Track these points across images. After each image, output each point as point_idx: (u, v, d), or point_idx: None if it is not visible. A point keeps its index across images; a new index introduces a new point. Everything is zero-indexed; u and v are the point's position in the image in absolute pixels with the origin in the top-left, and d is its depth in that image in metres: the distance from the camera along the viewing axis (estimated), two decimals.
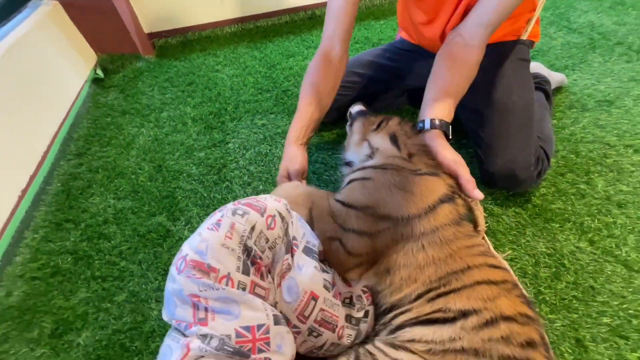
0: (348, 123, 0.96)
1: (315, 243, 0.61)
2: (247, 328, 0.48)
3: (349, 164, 0.84)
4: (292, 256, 0.57)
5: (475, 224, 0.69)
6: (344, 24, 0.93)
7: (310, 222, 0.67)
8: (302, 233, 0.60)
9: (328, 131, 1.31)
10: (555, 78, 1.26)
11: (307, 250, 0.59)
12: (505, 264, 0.66)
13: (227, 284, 0.48)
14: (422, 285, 0.60)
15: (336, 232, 0.65)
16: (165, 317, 0.51)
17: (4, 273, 0.97)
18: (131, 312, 0.87)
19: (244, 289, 0.49)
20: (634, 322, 0.74)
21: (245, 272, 0.50)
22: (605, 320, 0.75)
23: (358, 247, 0.64)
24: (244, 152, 1.27)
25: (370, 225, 0.63)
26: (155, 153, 1.31)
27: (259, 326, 0.48)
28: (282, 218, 0.57)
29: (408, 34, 1.18)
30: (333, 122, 1.29)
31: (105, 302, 0.90)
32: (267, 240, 0.54)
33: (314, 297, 0.56)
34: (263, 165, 1.21)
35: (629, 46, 1.47)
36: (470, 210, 0.69)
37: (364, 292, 0.66)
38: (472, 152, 1.02)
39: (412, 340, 0.55)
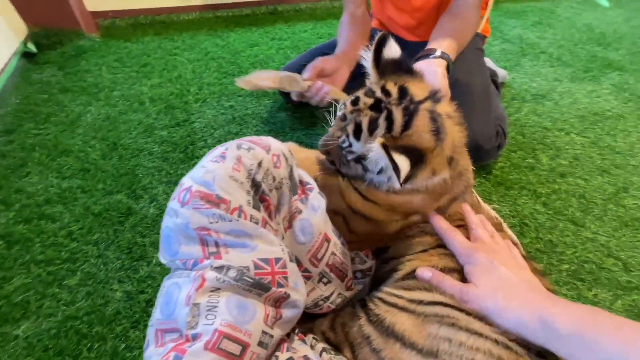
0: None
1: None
2: (265, 260, 0.43)
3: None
4: (303, 199, 0.54)
5: None
6: None
7: None
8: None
9: (302, 111, 1.30)
10: (500, 73, 1.43)
11: (322, 194, 0.56)
12: (496, 214, 0.71)
13: (239, 217, 0.43)
14: (430, 240, 0.60)
15: (343, 210, 0.61)
16: (163, 259, 0.44)
17: None
18: (87, 295, 0.74)
19: (256, 223, 0.45)
20: (586, 266, 0.84)
21: (256, 207, 0.46)
22: (565, 266, 0.84)
23: (362, 228, 0.62)
24: (213, 131, 1.19)
25: (384, 216, 0.61)
26: (107, 131, 1.17)
27: (277, 259, 0.44)
28: (287, 159, 0.54)
29: (380, 22, 1.25)
30: (299, 104, 1.29)
31: (51, 287, 0.75)
32: (274, 179, 0.50)
33: (327, 239, 0.54)
34: None
35: (550, 54, 1.74)
36: None
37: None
38: None
39: (429, 288, 0.53)
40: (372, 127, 0.54)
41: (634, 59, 1.70)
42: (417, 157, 0.51)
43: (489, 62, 1.42)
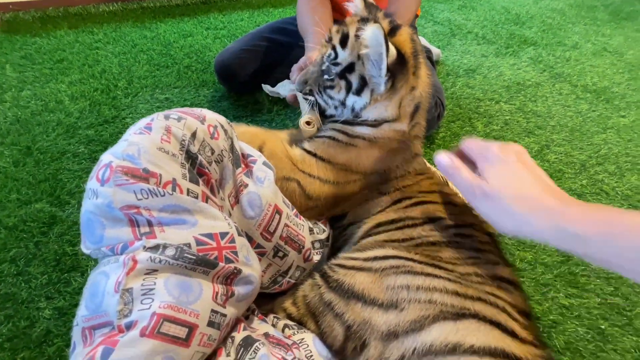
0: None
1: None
2: (209, 235, 0.39)
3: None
4: (247, 172, 0.51)
5: None
6: None
7: None
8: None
9: (246, 99, 1.25)
10: (435, 51, 1.51)
11: (268, 165, 0.53)
12: (441, 174, 0.74)
13: (174, 190, 0.39)
14: (387, 199, 0.61)
15: (295, 174, 0.59)
16: (86, 248, 0.38)
17: None
18: (6, 319, 0.64)
19: (195, 198, 0.41)
20: None
21: (194, 181, 0.42)
22: None
23: (319, 192, 0.60)
24: None
25: (340, 177, 0.61)
26: (18, 135, 1.02)
27: (222, 234, 0.41)
28: (226, 131, 0.50)
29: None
30: (242, 91, 1.24)
31: None
32: (213, 151, 0.46)
33: (278, 211, 0.51)
34: None
35: (476, 34, 1.88)
36: None
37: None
38: None
39: (383, 241, 0.54)
40: (359, 33, 0.58)
41: (544, 35, 1.90)
42: (400, 58, 0.57)
43: (423, 40, 1.49)
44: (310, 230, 0.59)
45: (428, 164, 0.75)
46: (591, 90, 1.46)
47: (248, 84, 1.18)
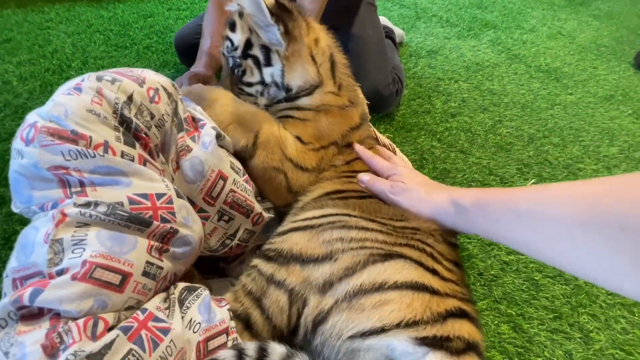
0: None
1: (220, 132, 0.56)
2: (143, 195, 0.40)
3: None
4: (194, 137, 0.51)
5: None
6: None
7: (252, 147, 0.57)
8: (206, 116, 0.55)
9: None
10: (398, 32, 1.54)
11: (216, 129, 0.53)
12: (390, 142, 0.78)
13: (106, 152, 0.39)
14: (332, 173, 0.63)
15: (284, 165, 0.59)
16: (16, 207, 0.38)
17: None
18: None
19: (131, 160, 0.41)
20: (473, 184, 0.98)
21: (129, 144, 0.42)
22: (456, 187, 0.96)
23: (301, 183, 0.61)
24: None
25: (317, 159, 0.63)
26: None
27: (159, 195, 0.42)
28: (169, 95, 0.50)
29: None
30: None
31: None
32: (152, 115, 0.46)
33: (222, 177, 0.51)
34: None
35: (440, 17, 1.92)
36: None
37: None
38: None
39: (322, 206, 0.57)
40: (241, 12, 0.62)
41: (504, 19, 1.97)
42: (281, 6, 0.61)
43: (386, 21, 1.51)
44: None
45: (376, 132, 0.78)
46: (544, 70, 1.54)
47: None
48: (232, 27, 0.63)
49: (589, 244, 0.33)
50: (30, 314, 0.33)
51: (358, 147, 0.66)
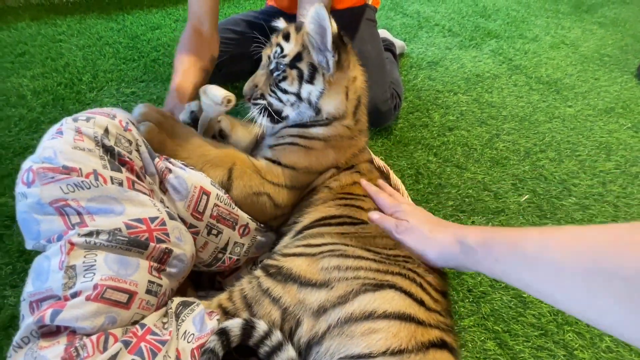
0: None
1: None
2: (138, 220, 0.44)
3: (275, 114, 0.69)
4: (169, 159, 0.55)
5: None
6: (208, 2, 0.90)
7: (227, 181, 0.61)
8: None
9: None
10: (398, 44, 1.56)
11: None
12: (384, 164, 0.81)
13: (97, 180, 0.44)
14: (329, 194, 0.67)
15: (264, 187, 0.63)
16: (28, 245, 0.43)
17: None
18: None
19: (120, 185, 0.46)
20: (467, 200, 1.00)
21: (115, 169, 0.46)
22: (450, 203, 0.99)
23: (287, 199, 0.65)
24: None
25: (304, 180, 0.67)
26: None
27: (152, 218, 0.46)
28: (137, 128, 0.55)
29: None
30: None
31: None
32: (130, 142, 0.50)
33: (205, 192, 0.55)
34: None
35: (443, 26, 1.94)
36: None
37: None
38: None
39: (322, 234, 0.59)
40: (299, 27, 0.66)
41: (507, 28, 1.97)
42: (340, 36, 0.65)
43: (386, 34, 1.54)
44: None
45: (372, 155, 0.81)
46: (544, 82, 1.55)
47: (213, 75, 1.21)
48: (287, 37, 0.67)
49: (590, 292, 0.35)
50: (49, 332, 0.38)
51: (365, 183, 0.69)
